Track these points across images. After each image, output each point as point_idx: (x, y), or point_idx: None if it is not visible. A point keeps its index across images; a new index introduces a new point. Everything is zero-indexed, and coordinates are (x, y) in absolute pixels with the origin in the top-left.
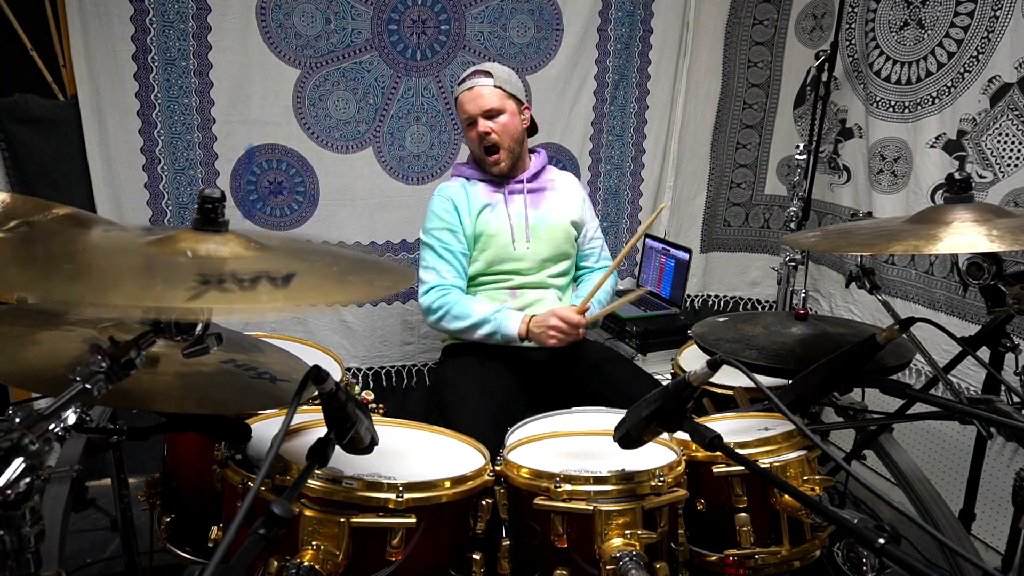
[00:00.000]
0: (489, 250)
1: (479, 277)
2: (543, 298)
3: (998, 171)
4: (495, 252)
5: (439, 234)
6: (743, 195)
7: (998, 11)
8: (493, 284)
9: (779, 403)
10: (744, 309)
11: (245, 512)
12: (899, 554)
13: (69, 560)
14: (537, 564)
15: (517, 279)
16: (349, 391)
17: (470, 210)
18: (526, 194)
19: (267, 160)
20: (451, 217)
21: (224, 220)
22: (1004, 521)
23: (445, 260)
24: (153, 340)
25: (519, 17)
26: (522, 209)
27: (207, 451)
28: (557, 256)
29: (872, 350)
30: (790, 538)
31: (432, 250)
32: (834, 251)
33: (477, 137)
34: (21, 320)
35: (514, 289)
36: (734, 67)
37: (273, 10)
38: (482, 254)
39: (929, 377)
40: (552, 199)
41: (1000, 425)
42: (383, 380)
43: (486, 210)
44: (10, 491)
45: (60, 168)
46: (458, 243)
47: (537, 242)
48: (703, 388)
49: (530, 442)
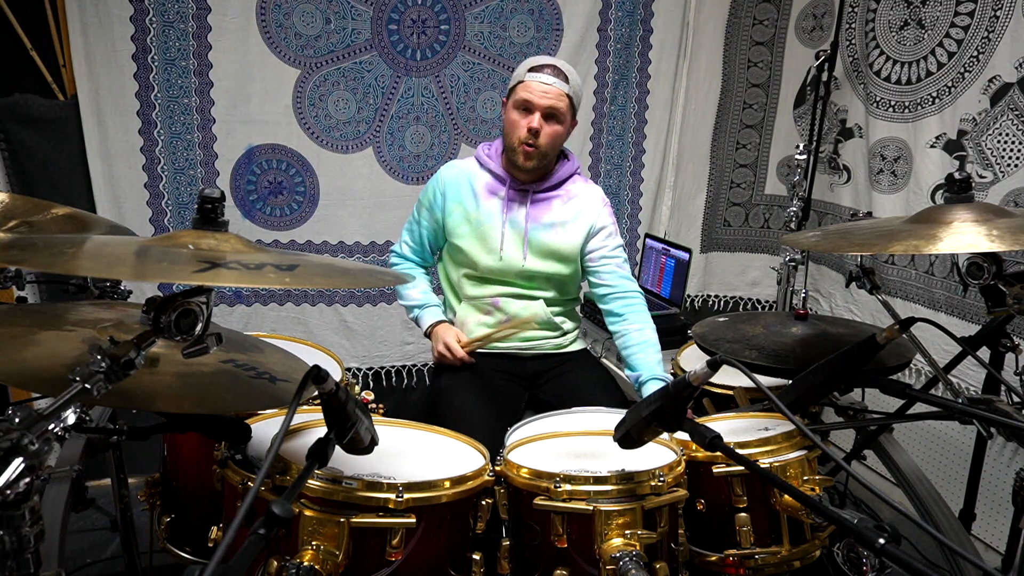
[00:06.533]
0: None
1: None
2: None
3: (998, 171)
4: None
5: (420, 207)
6: (743, 195)
7: (998, 11)
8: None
9: (779, 403)
10: (744, 309)
11: (245, 512)
12: (899, 554)
13: (69, 560)
14: (537, 564)
15: (501, 288)
16: (349, 391)
17: (459, 198)
18: (529, 205)
19: (267, 160)
20: (434, 198)
21: (224, 220)
22: (1004, 521)
23: (412, 235)
24: (153, 340)
25: (519, 17)
26: (521, 220)
27: (207, 451)
28: (550, 275)
29: (872, 350)
30: (790, 538)
31: (412, 219)
32: (834, 251)
33: (526, 128)
34: (21, 320)
35: (497, 298)
36: (734, 67)
37: (273, 10)
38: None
39: (929, 377)
40: (559, 213)
41: (1000, 425)
42: (383, 380)
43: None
44: (10, 491)
45: (60, 168)
46: (429, 223)
47: (534, 258)
48: (703, 388)
49: (530, 442)
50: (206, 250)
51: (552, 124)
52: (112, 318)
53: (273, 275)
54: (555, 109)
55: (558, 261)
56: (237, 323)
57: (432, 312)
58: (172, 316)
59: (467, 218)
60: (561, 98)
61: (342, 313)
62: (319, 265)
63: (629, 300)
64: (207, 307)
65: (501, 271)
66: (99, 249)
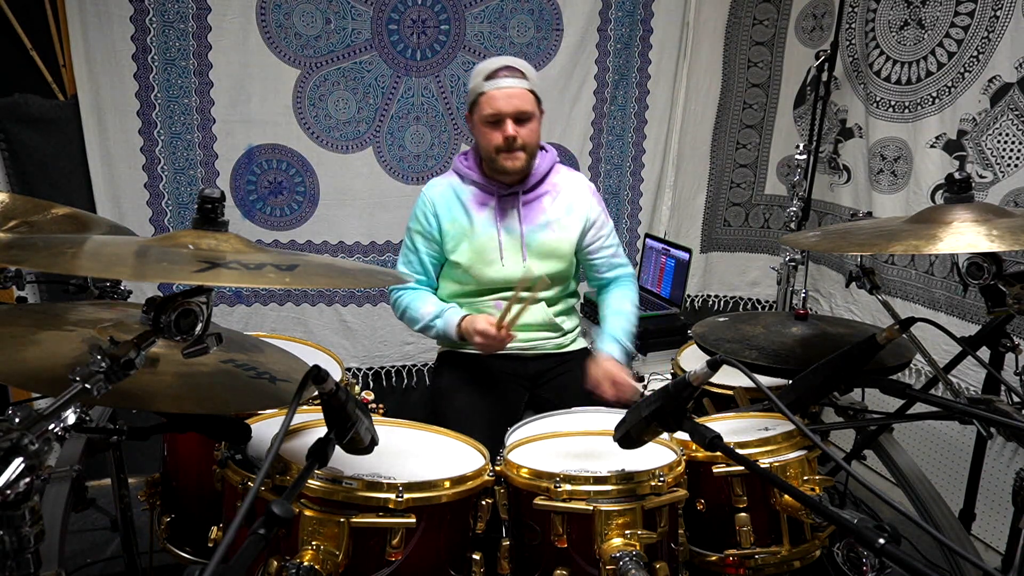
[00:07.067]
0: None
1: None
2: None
3: (998, 171)
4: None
5: (413, 235)
6: (743, 195)
7: (998, 11)
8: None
9: (779, 403)
10: (744, 309)
11: (245, 512)
12: (899, 554)
13: (69, 560)
14: (537, 564)
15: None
16: (349, 391)
17: (452, 216)
18: (520, 207)
19: (267, 160)
20: (427, 223)
21: (224, 220)
22: (1004, 521)
23: (412, 266)
24: (153, 340)
25: (519, 17)
26: (516, 224)
27: (207, 451)
28: (552, 274)
29: (872, 350)
30: (790, 538)
31: (406, 247)
32: (834, 251)
33: (502, 138)
34: (21, 320)
35: (500, 302)
36: (734, 67)
37: (273, 10)
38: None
39: (929, 377)
40: (551, 210)
41: (1000, 425)
42: (383, 380)
43: (472, 217)
44: (10, 491)
45: (60, 168)
46: (428, 248)
47: (532, 260)
48: (703, 388)
49: (530, 442)
50: (206, 250)
51: (525, 124)
52: (112, 318)
53: (273, 275)
54: (523, 111)
55: (558, 259)
56: (237, 323)
57: (452, 313)
58: (172, 316)
59: (463, 234)
60: (525, 97)
61: (342, 313)
62: (319, 265)
63: (619, 276)
64: (207, 307)
65: (505, 280)
66: (99, 249)
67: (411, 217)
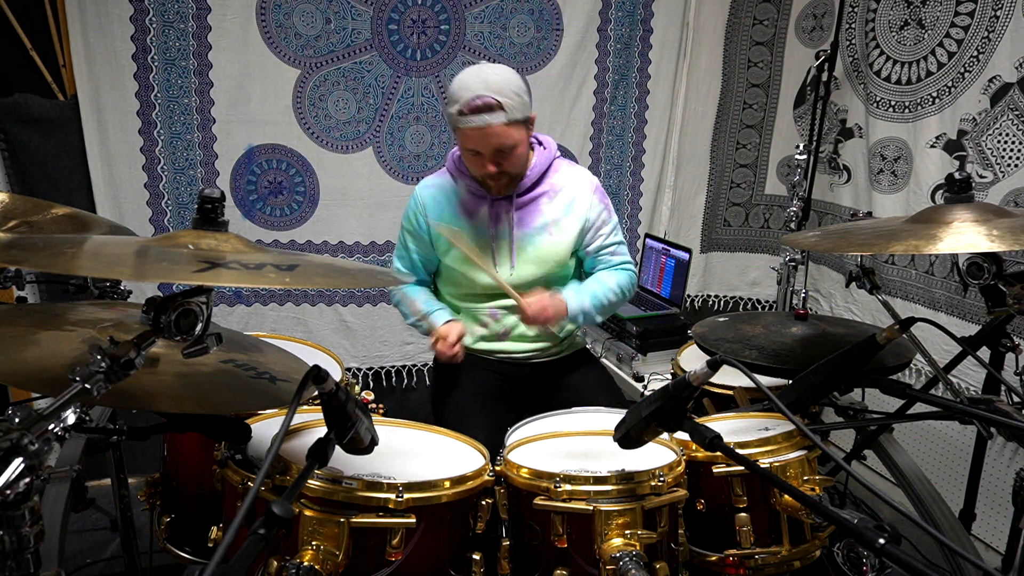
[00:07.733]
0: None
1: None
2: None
3: (998, 171)
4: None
5: (405, 235)
6: (743, 195)
7: (998, 11)
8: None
9: (779, 403)
10: (744, 309)
11: (245, 512)
12: (899, 554)
13: (69, 560)
14: (537, 564)
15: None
16: (349, 391)
17: (442, 220)
18: (514, 211)
19: (267, 160)
20: (417, 224)
21: (224, 220)
22: (1004, 521)
23: (404, 262)
24: (153, 340)
25: (519, 17)
26: (507, 229)
27: (207, 451)
28: (548, 280)
29: (872, 350)
30: (790, 538)
31: (400, 246)
32: (834, 251)
33: (481, 171)
34: (21, 320)
35: (496, 309)
36: (734, 67)
37: (273, 10)
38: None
39: (929, 377)
40: (548, 212)
41: (1000, 425)
42: (383, 380)
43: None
44: (9, 491)
45: (60, 168)
46: (419, 247)
47: (523, 266)
48: (703, 388)
49: (530, 442)
50: (206, 250)
51: (509, 155)
52: (112, 318)
53: (273, 275)
54: (503, 147)
55: (553, 264)
56: (237, 323)
57: (437, 317)
58: (172, 316)
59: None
60: (504, 133)
61: (342, 313)
62: (319, 265)
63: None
64: (207, 307)
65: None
66: (99, 249)
67: (404, 216)
